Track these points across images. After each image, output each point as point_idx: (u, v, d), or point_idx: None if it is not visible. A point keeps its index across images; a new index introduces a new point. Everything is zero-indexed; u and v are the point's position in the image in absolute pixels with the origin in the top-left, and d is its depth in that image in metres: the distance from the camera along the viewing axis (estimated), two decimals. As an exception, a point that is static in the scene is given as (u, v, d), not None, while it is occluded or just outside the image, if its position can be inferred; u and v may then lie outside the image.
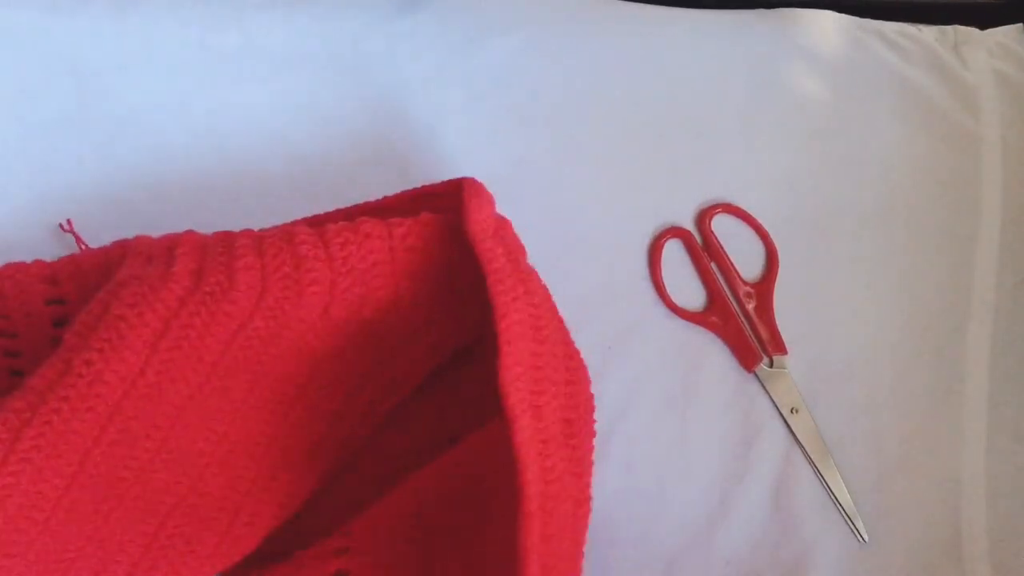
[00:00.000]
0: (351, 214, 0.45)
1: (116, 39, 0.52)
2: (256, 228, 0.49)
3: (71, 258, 0.43)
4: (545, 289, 0.41)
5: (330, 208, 0.50)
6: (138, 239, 0.42)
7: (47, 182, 0.50)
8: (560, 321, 0.42)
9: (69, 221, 0.48)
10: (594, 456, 0.47)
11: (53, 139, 0.50)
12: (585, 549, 0.47)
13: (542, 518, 0.35)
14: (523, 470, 0.35)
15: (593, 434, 0.43)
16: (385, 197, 0.46)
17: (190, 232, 0.42)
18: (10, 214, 0.49)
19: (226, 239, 0.40)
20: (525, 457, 0.35)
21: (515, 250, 0.42)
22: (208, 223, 0.49)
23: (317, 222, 0.45)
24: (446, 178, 0.50)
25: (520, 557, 0.34)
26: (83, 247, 0.47)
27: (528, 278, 0.39)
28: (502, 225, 0.42)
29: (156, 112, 0.52)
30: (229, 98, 0.52)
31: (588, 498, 0.41)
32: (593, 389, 0.49)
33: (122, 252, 0.42)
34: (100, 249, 0.43)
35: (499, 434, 0.37)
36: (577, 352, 0.43)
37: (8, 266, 0.43)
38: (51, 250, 0.48)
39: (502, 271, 0.37)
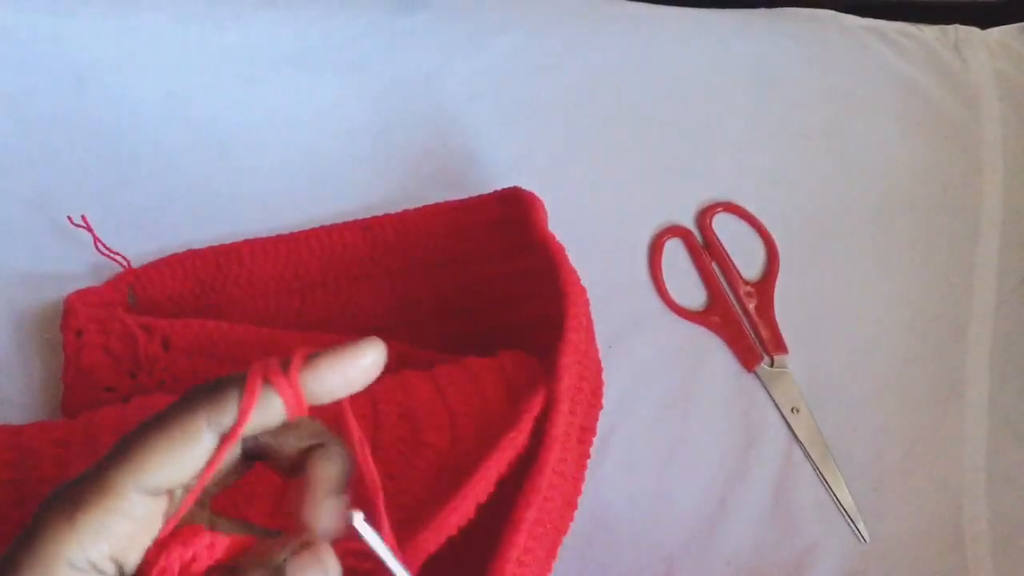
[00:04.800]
0: (402, 218, 0.48)
1: (117, 38, 0.52)
2: (255, 228, 0.49)
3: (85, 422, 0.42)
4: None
5: (330, 207, 0.50)
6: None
7: (47, 182, 0.50)
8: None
9: (84, 217, 0.48)
10: (595, 456, 0.48)
11: (53, 139, 0.50)
12: (585, 549, 0.47)
13: (540, 504, 0.36)
14: (545, 456, 0.36)
15: (588, 450, 0.44)
16: (436, 204, 0.47)
17: None
18: (10, 214, 0.49)
19: None
20: (551, 445, 0.36)
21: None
22: (208, 222, 0.50)
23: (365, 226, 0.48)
24: (445, 177, 0.50)
25: (513, 528, 0.35)
26: (99, 245, 0.47)
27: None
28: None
29: (157, 111, 0.51)
30: (230, 97, 0.52)
31: (576, 504, 0.42)
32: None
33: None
34: (116, 409, 0.42)
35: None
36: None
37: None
38: (50, 249, 0.48)
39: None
